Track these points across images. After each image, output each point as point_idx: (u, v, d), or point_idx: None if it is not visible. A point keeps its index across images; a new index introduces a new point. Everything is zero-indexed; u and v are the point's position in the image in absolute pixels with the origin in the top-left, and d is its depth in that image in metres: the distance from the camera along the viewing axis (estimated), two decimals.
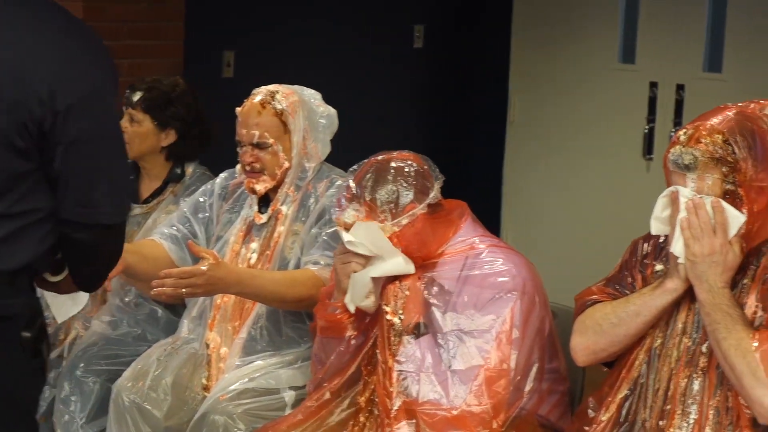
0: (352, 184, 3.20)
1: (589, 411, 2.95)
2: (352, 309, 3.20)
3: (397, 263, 3.16)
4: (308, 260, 3.59)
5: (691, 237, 2.74)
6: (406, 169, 3.18)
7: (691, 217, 2.74)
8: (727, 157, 2.73)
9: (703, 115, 2.82)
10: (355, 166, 3.25)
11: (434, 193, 3.20)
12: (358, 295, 3.18)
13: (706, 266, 2.74)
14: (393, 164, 3.20)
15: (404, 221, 3.15)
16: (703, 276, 2.74)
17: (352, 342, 3.25)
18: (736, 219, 2.74)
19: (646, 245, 3.01)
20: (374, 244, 3.15)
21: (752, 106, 2.82)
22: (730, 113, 2.79)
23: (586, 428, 2.93)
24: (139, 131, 4.18)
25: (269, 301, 3.59)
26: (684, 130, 2.80)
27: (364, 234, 3.15)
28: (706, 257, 2.73)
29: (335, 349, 3.27)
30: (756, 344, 2.65)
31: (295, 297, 3.53)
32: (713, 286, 2.73)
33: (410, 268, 3.18)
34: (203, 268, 3.43)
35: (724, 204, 2.74)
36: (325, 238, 3.60)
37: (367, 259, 3.17)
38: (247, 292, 3.57)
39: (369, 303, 3.18)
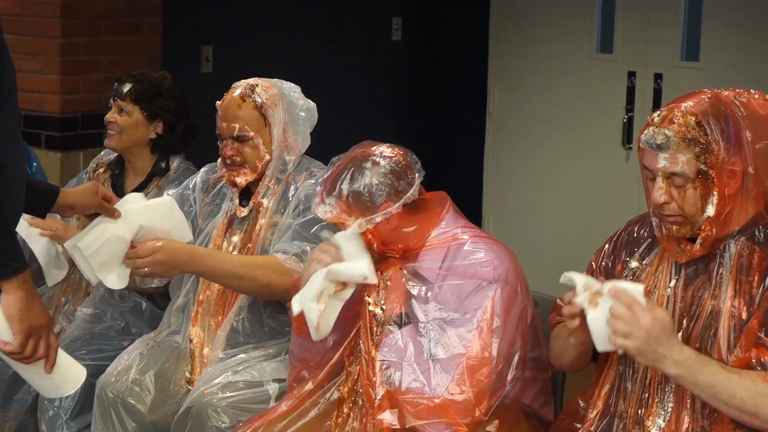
0: (327, 176, 3.18)
1: (580, 409, 2.97)
2: (295, 310, 3.12)
3: (358, 269, 3.08)
4: (278, 249, 3.57)
5: (622, 338, 2.65)
6: (383, 168, 3.14)
7: (611, 320, 2.66)
8: (699, 138, 2.71)
9: (678, 98, 2.82)
10: (335, 158, 3.22)
11: (412, 192, 3.15)
12: (308, 294, 3.08)
13: (654, 345, 2.64)
14: (371, 160, 3.15)
15: (378, 219, 3.12)
16: (658, 355, 2.65)
17: (330, 339, 3.22)
18: (636, 290, 2.66)
19: (607, 247, 3.01)
20: (354, 246, 3.10)
21: (726, 93, 2.80)
22: (705, 97, 2.78)
23: (577, 425, 2.95)
24: (129, 122, 4.19)
25: (227, 279, 3.53)
26: (658, 112, 2.79)
27: (349, 237, 3.11)
28: (647, 341, 2.64)
29: (308, 347, 3.25)
30: (764, 384, 2.61)
31: (251, 277, 3.49)
32: (675, 358, 2.65)
33: (372, 279, 3.10)
34: (158, 244, 3.40)
35: (618, 285, 2.68)
36: (296, 227, 3.59)
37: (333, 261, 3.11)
38: (203, 270, 3.53)
39: (315, 309, 3.07)
